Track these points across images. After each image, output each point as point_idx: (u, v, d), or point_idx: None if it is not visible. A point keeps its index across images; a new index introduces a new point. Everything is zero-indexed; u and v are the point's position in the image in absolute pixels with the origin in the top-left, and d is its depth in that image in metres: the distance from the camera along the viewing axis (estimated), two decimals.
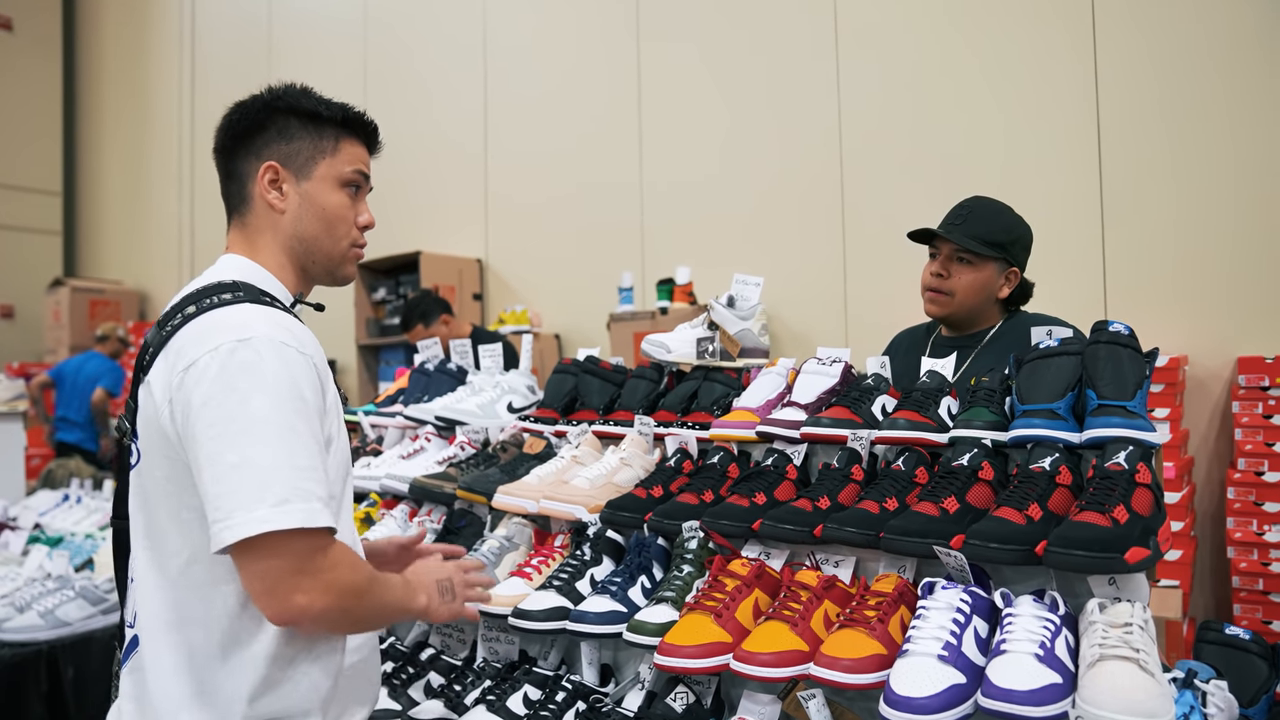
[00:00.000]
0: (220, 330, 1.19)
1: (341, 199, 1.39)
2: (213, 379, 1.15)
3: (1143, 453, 1.39)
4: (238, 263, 1.35)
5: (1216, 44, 3.39)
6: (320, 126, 1.38)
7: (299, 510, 1.12)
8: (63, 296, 7.61)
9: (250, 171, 1.36)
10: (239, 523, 1.11)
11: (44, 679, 2.49)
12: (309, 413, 1.19)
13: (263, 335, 1.18)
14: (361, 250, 1.43)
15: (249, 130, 1.36)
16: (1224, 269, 3.36)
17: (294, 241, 1.37)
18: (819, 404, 1.79)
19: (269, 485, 1.12)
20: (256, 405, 1.14)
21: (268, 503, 1.11)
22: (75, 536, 3.20)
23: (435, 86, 5.85)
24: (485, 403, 2.40)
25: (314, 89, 1.41)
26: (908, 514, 1.48)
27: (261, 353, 1.17)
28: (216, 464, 1.13)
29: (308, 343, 1.25)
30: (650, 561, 1.76)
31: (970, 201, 2.15)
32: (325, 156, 1.37)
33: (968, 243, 2.06)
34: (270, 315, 1.23)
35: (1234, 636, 1.92)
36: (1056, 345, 1.60)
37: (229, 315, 1.21)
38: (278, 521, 1.11)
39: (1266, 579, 3.05)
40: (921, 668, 1.29)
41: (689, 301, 4.47)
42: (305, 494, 1.14)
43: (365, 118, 1.43)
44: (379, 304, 5.76)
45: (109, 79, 8.53)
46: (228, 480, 1.12)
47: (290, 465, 1.14)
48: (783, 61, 4.46)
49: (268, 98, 1.37)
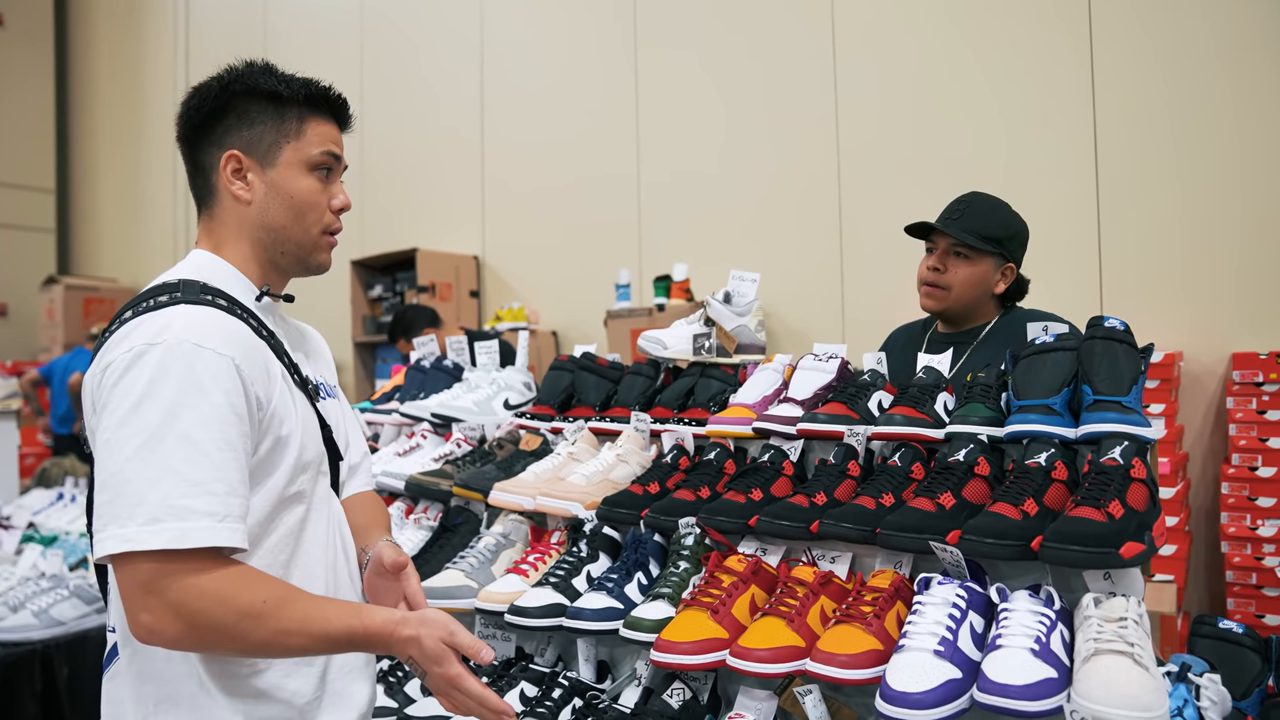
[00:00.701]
0: (136, 334, 1.13)
1: (310, 184, 1.30)
2: (114, 383, 1.11)
3: (1138, 448, 1.39)
4: (197, 259, 1.30)
5: (1213, 42, 3.39)
6: (282, 108, 1.28)
7: (170, 529, 1.06)
8: (56, 294, 7.58)
9: (213, 162, 1.28)
10: (108, 537, 1.06)
11: (38, 678, 2.48)
12: (219, 418, 1.11)
13: (175, 339, 1.11)
14: (336, 236, 1.35)
15: (208, 118, 1.28)
16: (1219, 265, 3.37)
17: (261, 233, 1.29)
18: (815, 400, 1.79)
19: (143, 500, 1.06)
20: (148, 412, 1.08)
21: (138, 520, 1.05)
22: (70, 535, 3.19)
23: (432, 81, 5.83)
24: (481, 400, 2.40)
25: (276, 66, 1.31)
26: (904, 510, 1.48)
27: (166, 358, 1.10)
28: (101, 471, 1.09)
29: (230, 342, 1.16)
30: (647, 558, 1.76)
31: (967, 197, 2.15)
32: (289, 140, 1.29)
33: (964, 237, 2.07)
34: (195, 315, 1.16)
35: (1227, 630, 1.93)
36: (1052, 341, 1.60)
37: (152, 318, 1.15)
38: (140, 541, 1.05)
39: (1260, 573, 3.07)
40: (918, 663, 1.29)
41: (686, 298, 4.47)
42: (182, 511, 1.06)
43: (332, 92, 1.33)
44: (375, 301, 5.75)
45: (102, 74, 8.49)
46: (107, 489, 1.08)
47: (176, 479, 1.07)
48: (781, 59, 4.45)
49: (225, 80, 1.28)
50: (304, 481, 1.25)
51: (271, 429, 1.19)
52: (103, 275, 8.24)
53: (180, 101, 1.31)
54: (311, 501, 1.27)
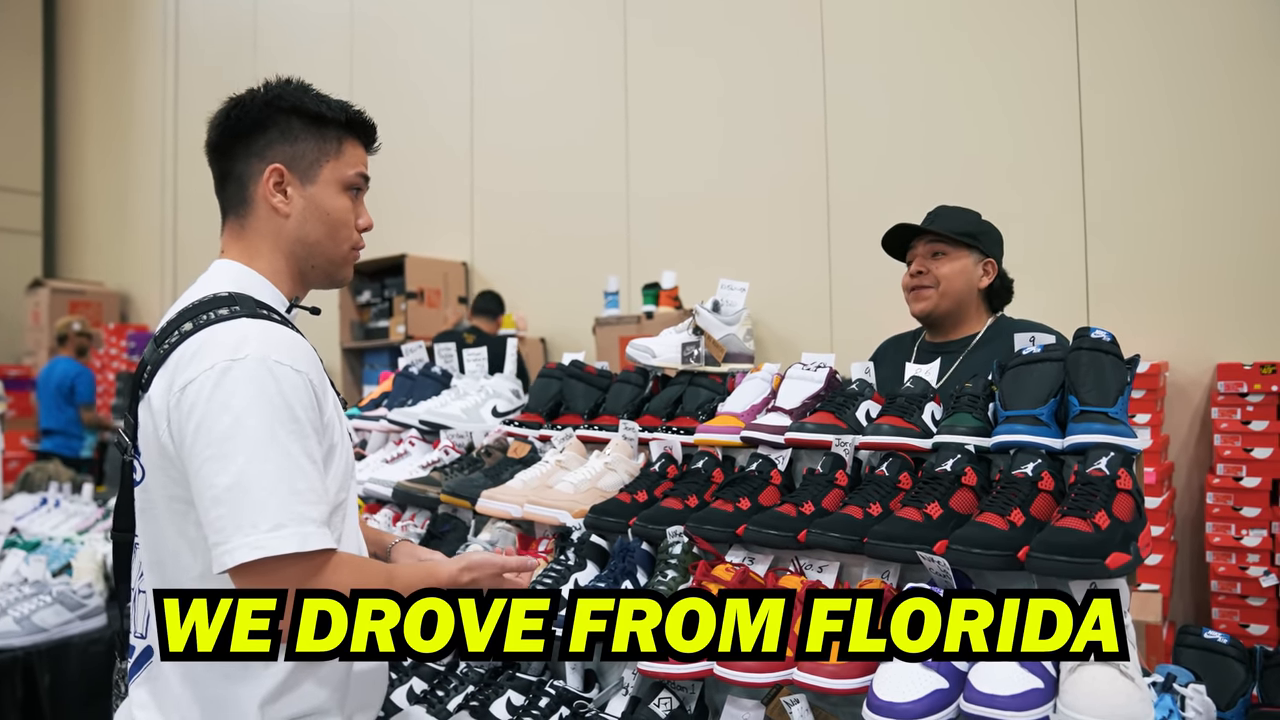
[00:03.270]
0: (215, 349, 1.18)
1: (344, 202, 1.37)
2: (207, 399, 1.15)
3: (1124, 459, 1.40)
4: (233, 270, 1.33)
5: (1202, 52, 3.43)
6: (324, 128, 1.35)
7: (293, 535, 1.13)
8: (42, 298, 7.53)
9: (253, 173, 1.33)
10: (235, 547, 1.12)
11: (19, 686, 2.46)
12: (303, 432, 1.19)
13: (256, 354, 1.18)
14: (359, 252, 1.42)
15: (249, 129, 1.33)
16: (1206, 276, 3.40)
17: (297, 246, 1.35)
18: (803, 409, 1.79)
19: (264, 509, 1.13)
20: (250, 427, 1.14)
21: (262, 528, 1.12)
22: (53, 541, 3.16)
23: (421, 87, 5.83)
24: (470, 407, 2.40)
25: (311, 85, 1.38)
26: (891, 519, 1.48)
27: (255, 373, 1.16)
28: (213, 486, 1.14)
29: (302, 357, 1.23)
30: (634, 566, 1.75)
31: (936, 208, 2.24)
32: (330, 159, 1.36)
33: (942, 231, 2.14)
34: (265, 331, 1.22)
35: (1212, 641, 1.94)
36: (1039, 351, 1.61)
37: (224, 333, 1.20)
38: (272, 547, 1.12)
39: (1244, 583, 3.08)
40: (904, 673, 1.29)
41: (674, 306, 4.47)
42: (300, 518, 1.14)
43: (365, 117, 1.41)
44: (364, 307, 5.74)
45: (90, 77, 8.45)
46: (223, 503, 1.13)
47: (286, 488, 1.14)
48: (770, 68, 4.48)
49: (268, 95, 1.34)
50: (346, 489, 1.33)
51: (327, 438, 1.27)
52: (88, 279, 8.19)
53: (217, 111, 1.36)
54: (347, 509, 1.34)
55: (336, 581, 1.18)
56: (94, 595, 2.70)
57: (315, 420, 1.22)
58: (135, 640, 1.33)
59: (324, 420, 1.26)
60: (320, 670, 1.27)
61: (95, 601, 2.70)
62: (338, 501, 1.29)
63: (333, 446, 1.28)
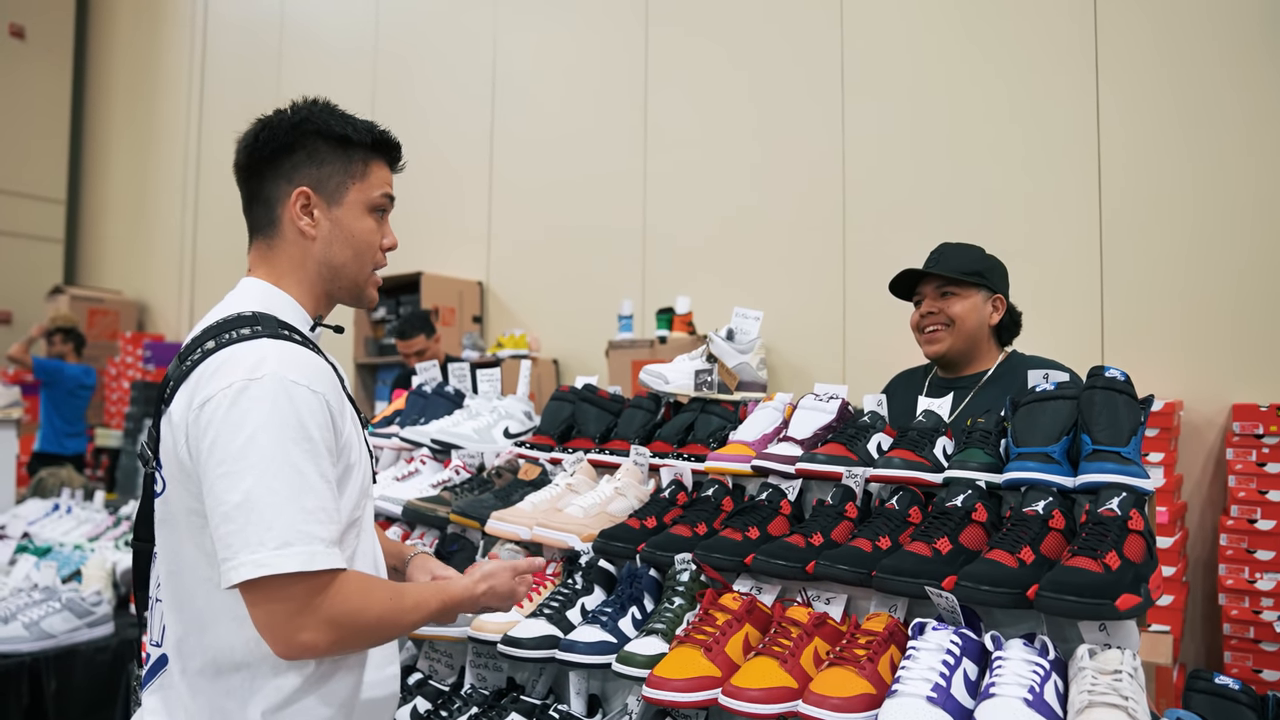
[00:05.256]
0: (234, 367, 1.20)
1: (370, 224, 1.39)
2: (223, 417, 1.17)
3: (1136, 499, 1.40)
4: (260, 289, 1.35)
5: (1221, 93, 3.43)
6: (350, 150, 1.37)
7: (299, 553, 1.14)
8: (61, 304, 7.60)
9: (280, 196, 1.35)
10: (241, 564, 1.13)
11: (25, 692, 2.46)
12: (317, 452, 1.20)
13: (273, 374, 1.19)
14: (379, 273, 1.44)
15: (276, 152, 1.34)
16: (1221, 315, 3.39)
17: (323, 268, 1.37)
18: (815, 440, 1.80)
19: (271, 527, 1.14)
20: (263, 445, 1.16)
21: (269, 545, 1.13)
22: (64, 547, 3.18)
23: (442, 108, 5.89)
24: (482, 427, 2.41)
25: (335, 104, 1.39)
26: (900, 553, 1.48)
27: (271, 392, 1.18)
28: (224, 503, 1.15)
29: (319, 378, 1.24)
30: (641, 592, 1.75)
31: (940, 247, 2.25)
32: (356, 182, 1.37)
33: (948, 273, 2.15)
34: (284, 351, 1.23)
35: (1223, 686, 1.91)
36: (1053, 389, 1.61)
37: (244, 352, 1.22)
38: (277, 565, 1.13)
39: (1258, 627, 3.05)
40: (910, 708, 1.28)
41: (688, 331, 4.48)
42: (307, 536, 1.15)
43: (391, 137, 1.43)
44: (378, 323, 5.77)
45: (118, 90, 8.59)
46: (233, 520, 1.15)
47: (296, 507, 1.15)
48: (788, 100, 4.51)
49: (295, 118, 1.35)
50: (362, 507, 1.34)
51: (343, 457, 1.29)
52: (108, 287, 8.28)
53: (245, 132, 1.38)
54: (362, 525, 1.35)
55: (341, 601, 1.18)
56: (102, 603, 2.71)
57: (330, 440, 1.23)
58: (151, 648, 1.35)
59: (341, 441, 1.27)
60: (325, 687, 1.28)
61: (104, 609, 2.71)
62: (353, 519, 1.30)
63: (350, 466, 1.30)
